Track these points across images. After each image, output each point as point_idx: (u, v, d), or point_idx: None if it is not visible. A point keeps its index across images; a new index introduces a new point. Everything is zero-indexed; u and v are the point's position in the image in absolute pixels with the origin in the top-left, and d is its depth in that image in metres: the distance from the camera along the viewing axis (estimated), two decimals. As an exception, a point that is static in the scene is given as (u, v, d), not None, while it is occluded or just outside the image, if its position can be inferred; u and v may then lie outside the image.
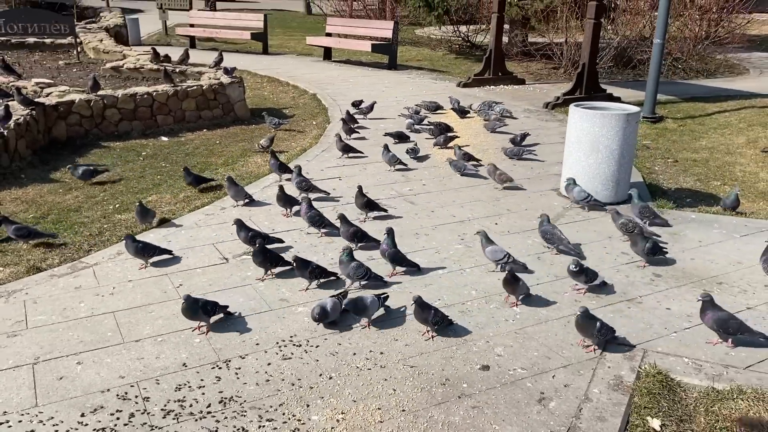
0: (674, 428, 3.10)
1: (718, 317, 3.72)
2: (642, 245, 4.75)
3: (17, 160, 7.00)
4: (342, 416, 3.10)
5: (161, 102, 8.85)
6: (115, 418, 3.05)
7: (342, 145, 7.66)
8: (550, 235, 5.01)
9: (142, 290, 4.31)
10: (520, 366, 3.53)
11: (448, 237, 5.33)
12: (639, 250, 4.78)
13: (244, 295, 4.29)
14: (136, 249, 4.60)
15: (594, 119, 5.90)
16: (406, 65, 15.77)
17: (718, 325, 3.71)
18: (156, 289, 4.35)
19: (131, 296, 4.23)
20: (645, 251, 4.74)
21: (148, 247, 4.66)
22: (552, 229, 5.01)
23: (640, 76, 14.09)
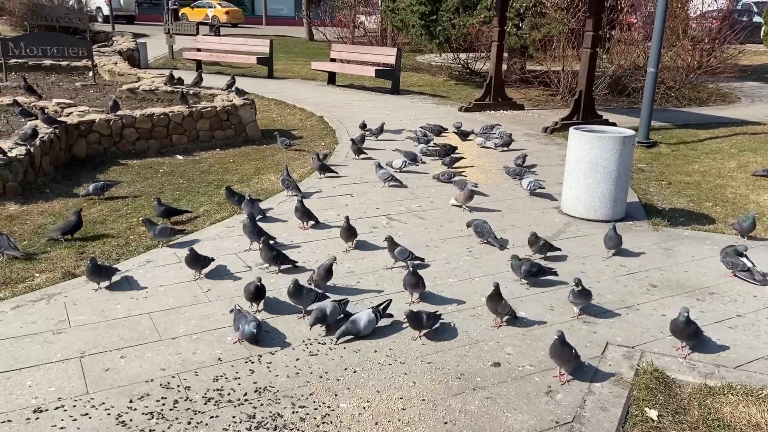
0: (670, 419, 3.40)
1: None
2: (520, 268, 4.85)
3: (42, 175, 7.32)
4: (368, 404, 3.40)
5: (177, 122, 9.23)
6: (161, 404, 3.34)
7: (319, 165, 7.90)
8: (480, 228, 5.76)
9: (173, 294, 4.61)
10: (528, 363, 3.84)
11: (457, 249, 5.66)
12: (517, 272, 4.89)
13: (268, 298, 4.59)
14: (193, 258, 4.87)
15: (593, 141, 6.29)
16: (408, 90, 16.26)
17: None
18: (186, 293, 4.65)
19: (164, 299, 4.53)
20: (523, 273, 4.84)
21: (201, 258, 4.88)
22: (482, 224, 5.81)
23: (634, 104, 14.59)
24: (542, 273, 4.90)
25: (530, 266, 4.85)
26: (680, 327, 3.90)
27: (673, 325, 3.95)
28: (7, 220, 6.06)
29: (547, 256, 5.46)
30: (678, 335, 3.97)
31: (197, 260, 4.86)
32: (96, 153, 8.53)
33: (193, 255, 4.83)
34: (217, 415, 3.26)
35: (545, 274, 4.95)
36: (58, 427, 3.14)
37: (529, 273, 4.83)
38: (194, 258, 4.84)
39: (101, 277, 4.66)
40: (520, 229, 6.28)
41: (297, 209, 6.04)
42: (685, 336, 3.95)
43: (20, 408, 3.28)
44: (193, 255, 4.82)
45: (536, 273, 4.86)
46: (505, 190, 7.66)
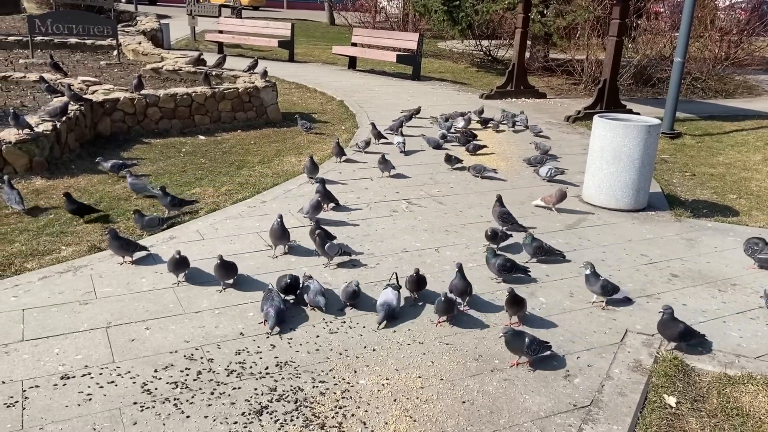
0: (688, 406, 3.40)
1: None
2: (493, 262, 4.70)
3: (67, 152, 7.43)
4: (386, 381, 3.44)
5: (199, 103, 9.29)
6: (185, 374, 3.41)
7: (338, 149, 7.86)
8: (506, 215, 5.68)
9: (196, 270, 4.68)
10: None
11: (476, 234, 5.67)
12: (491, 266, 4.74)
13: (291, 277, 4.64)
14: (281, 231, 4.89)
15: (617, 129, 6.23)
16: (429, 77, 16.18)
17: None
18: (209, 269, 4.71)
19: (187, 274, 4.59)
20: (496, 267, 4.69)
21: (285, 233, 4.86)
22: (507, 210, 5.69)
23: (659, 94, 14.39)
24: (516, 269, 4.69)
25: (504, 261, 4.67)
26: (663, 325, 3.79)
27: (659, 325, 3.85)
28: (34, 194, 6.18)
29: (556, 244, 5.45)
30: (663, 334, 3.86)
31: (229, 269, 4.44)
32: (120, 131, 8.63)
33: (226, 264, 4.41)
34: (240, 387, 3.32)
35: (518, 272, 4.73)
36: (85, 393, 3.22)
37: (503, 268, 4.65)
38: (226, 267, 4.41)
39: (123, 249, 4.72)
40: (541, 216, 6.27)
41: (318, 191, 6.08)
42: (670, 335, 3.82)
43: (48, 374, 3.36)
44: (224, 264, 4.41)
45: (509, 269, 4.66)
46: (527, 177, 7.62)
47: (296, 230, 5.52)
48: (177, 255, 4.39)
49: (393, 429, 3.06)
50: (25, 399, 3.15)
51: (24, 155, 6.61)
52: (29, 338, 3.69)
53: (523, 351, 3.58)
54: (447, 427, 3.10)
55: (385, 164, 7.31)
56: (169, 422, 3.03)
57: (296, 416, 3.12)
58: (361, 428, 3.06)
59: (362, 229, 5.67)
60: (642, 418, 3.26)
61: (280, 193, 6.61)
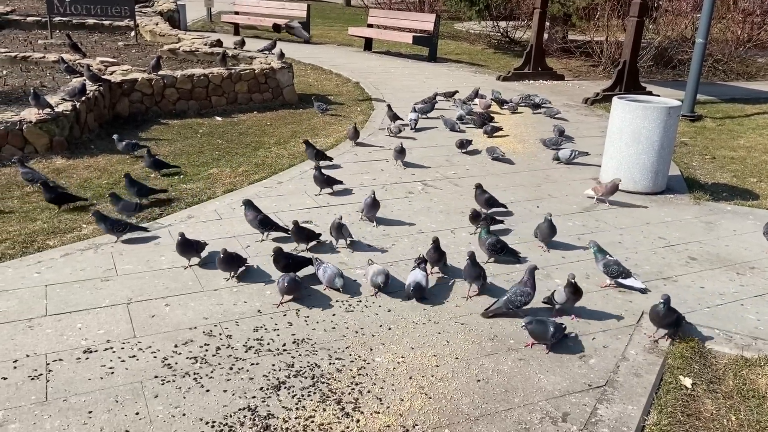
0: (704, 387, 3.40)
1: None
2: (484, 239, 4.67)
3: (87, 132, 7.51)
4: (402, 359, 3.48)
5: (216, 84, 9.31)
6: (204, 349, 3.47)
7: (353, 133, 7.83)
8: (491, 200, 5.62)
9: (215, 248, 4.73)
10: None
11: (492, 216, 5.65)
12: (482, 243, 4.70)
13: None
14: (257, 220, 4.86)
15: (636, 111, 6.16)
16: (445, 58, 16.05)
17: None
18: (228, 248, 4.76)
19: (204, 253, 4.65)
20: (486, 245, 4.66)
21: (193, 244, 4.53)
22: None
23: (679, 77, 14.17)
24: (506, 251, 4.66)
25: (495, 241, 4.64)
26: (660, 315, 3.67)
27: (653, 313, 3.72)
28: (54, 173, 6.26)
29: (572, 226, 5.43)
30: (656, 323, 3.74)
31: (189, 246, 4.42)
32: (138, 111, 8.69)
33: (184, 242, 4.39)
34: (258, 363, 3.38)
35: (508, 254, 4.69)
36: (107, 367, 3.29)
37: (493, 248, 4.62)
38: (185, 245, 4.40)
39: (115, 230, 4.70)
40: (557, 198, 6.24)
41: (316, 177, 5.97)
42: (665, 324, 3.72)
43: (71, 348, 3.44)
44: (183, 242, 4.38)
45: (500, 250, 4.64)
46: (543, 159, 7.58)
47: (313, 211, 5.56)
48: (180, 237, 4.38)
49: (408, 406, 3.10)
50: (48, 372, 3.23)
51: (44, 135, 6.69)
52: (52, 313, 3.77)
53: (547, 339, 3.58)
54: (462, 404, 3.13)
55: (401, 154, 7.00)
56: (189, 396, 3.09)
57: (313, 392, 3.16)
58: (377, 404, 3.10)
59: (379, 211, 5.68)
60: (657, 399, 3.27)
61: (297, 174, 6.64)
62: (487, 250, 4.69)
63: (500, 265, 4.71)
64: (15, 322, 3.65)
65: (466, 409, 3.10)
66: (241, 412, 2.99)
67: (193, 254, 4.46)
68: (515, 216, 5.71)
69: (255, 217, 4.89)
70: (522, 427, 2.99)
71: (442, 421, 3.00)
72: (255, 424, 2.92)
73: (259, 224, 4.89)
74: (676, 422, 3.10)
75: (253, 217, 4.90)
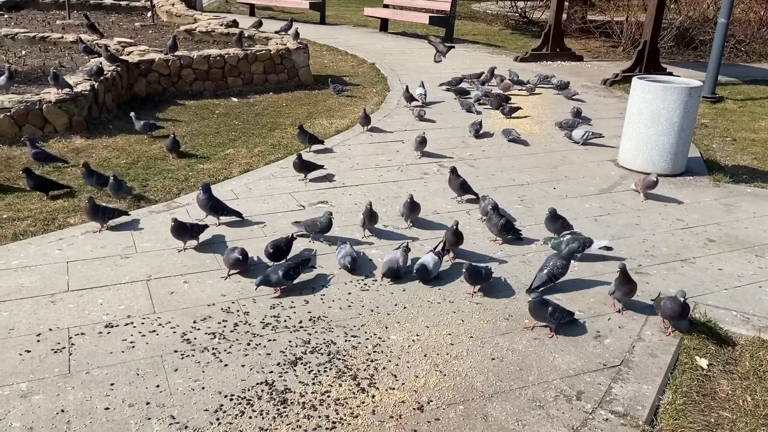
0: (720, 368, 3.39)
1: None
2: (496, 221, 4.65)
3: (105, 112, 7.57)
4: (417, 337, 3.50)
5: (232, 64, 9.32)
6: (222, 326, 3.53)
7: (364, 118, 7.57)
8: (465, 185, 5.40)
9: (231, 228, 4.78)
10: (577, 309, 3.85)
11: (508, 198, 5.64)
12: (493, 226, 4.69)
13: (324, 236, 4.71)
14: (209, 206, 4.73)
15: (656, 91, 6.07)
16: (462, 39, 15.90)
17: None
18: (245, 228, 4.82)
19: (221, 232, 4.70)
20: (498, 227, 4.64)
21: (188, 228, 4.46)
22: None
23: (701, 58, 13.92)
24: (511, 231, 4.69)
25: (506, 222, 4.66)
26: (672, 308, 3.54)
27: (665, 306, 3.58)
28: (73, 152, 6.34)
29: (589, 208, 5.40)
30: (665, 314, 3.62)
31: (184, 230, 4.37)
32: (155, 92, 8.74)
33: (179, 225, 4.34)
34: (275, 339, 3.43)
35: (513, 234, 4.71)
36: (128, 341, 3.36)
37: (504, 228, 4.62)
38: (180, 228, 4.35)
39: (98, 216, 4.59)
40: (574, 180, 6.20)
41: (295, 164, 5.78)
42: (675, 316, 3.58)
43: (93, 323, 3.51)
44: (178, 225, 4.34)
45: (508, 230, 4.65)
46: (560, 141, 7.52)
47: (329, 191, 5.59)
48: (174, 222, 4.31)
49: (423, 382, 3.13)
50: (71, 345, 3.30)
51: (63, 114, 6.76)
52: (74, 289, 3.84)
53: (545, 318, 3.57)
54: (476, 382, 3.16)
55: (421, 144, 6.69)
56: (208, 370, 3.15)
57: (329, 368, 3.21)
58: (392, 381, 3.13)
59: (393, 191, 5.69)
60: (672, 379, 3.27)
61: (311, 156, 6.64)
62: (498, 231, 4.69)
63: (516, 246, 4.70)
64: (38, 297, 3.73)
65: (480, 386, 3.13)
66: (259, 386, 3.05)
67: (188, 237, 4.40)
68: (531, 197, 5.69)
69: (206, 204, 4.70)
70: (536, 405, 3.01)
71: (456, 398, 3.03)
72: (272, 397, 2.97)
73: (210, 210, 4.74)
74: (691, 402, 3.10)
75: (204, 203, 4.71)
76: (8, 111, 6.44)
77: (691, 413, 3.02)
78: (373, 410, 2.92)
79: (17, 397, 2.90)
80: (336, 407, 2.92)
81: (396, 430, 2.81)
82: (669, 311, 3.56)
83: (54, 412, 2.82)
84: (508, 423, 2.89)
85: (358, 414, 2.89)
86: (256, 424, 2.80)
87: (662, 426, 2.94)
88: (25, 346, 3.27)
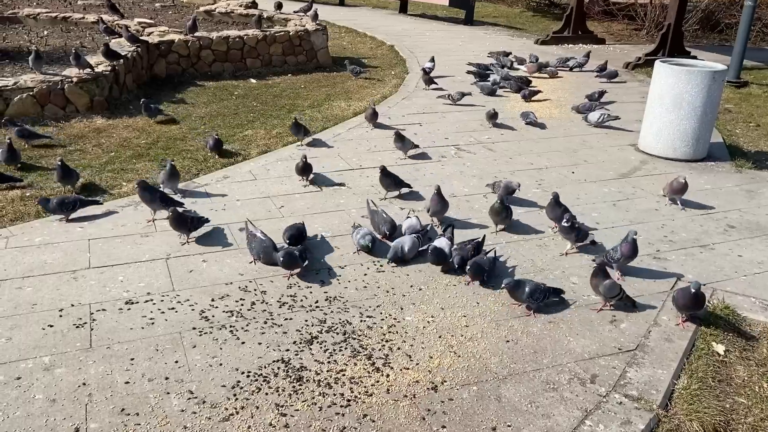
0: (737, 354, 3.37)
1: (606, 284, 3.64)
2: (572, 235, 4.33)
3: (125, 92, 7.64)
4: (432, 319, 3.52)
5: (251, 46, 9.33)
6: (239, 304, 3.58)
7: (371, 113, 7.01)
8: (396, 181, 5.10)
9: (249, 208, 4.82)
10: (593, 293, 3.84)
11: (526, 182, 5.61)
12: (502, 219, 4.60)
13: (338, 218, 4.73)
14: None
15: (680, 75, 5.97)
16: (482, 21, 15.73)
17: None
18: (261, 208, 4.86)
19: (241, 212, 4.74)
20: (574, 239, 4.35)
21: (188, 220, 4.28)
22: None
23: (726, 41, 13.63)
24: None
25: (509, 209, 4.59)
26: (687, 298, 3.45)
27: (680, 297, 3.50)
28: (95, 132, 6.41)
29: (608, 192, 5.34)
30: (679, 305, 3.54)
31: (183, 222, 4.23)
32: (174, 73, 8.79)
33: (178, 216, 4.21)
34: (291, 318, 3.47)
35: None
36: (147, 317, 3.42)
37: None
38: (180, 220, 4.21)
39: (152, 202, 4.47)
40: (593, 164, 6.14)
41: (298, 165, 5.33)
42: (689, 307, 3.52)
43: (113, 299, 3.58)
44: (177, 217, 4.21)
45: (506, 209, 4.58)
46: (580, 125, 7.44)
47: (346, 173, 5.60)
48: (171, 213, 4.20)
49: (437, 363, 3.15)
50: (93, 321, 3.37)
51: (85, 94, 6.84)
52: (95, 266, 3.91)
53: (523, 300, 3.56)
54: (491, 363, 3.17)
55: (402, 143, 5.98)
56: (225, 347, 3.20)
57: (345, 347, 3.24)
58: (406, 361, 3.16)
59: (410, 173, 5.69)
60: (688, 364, 3.25)
61: (330, 137, 6.66)
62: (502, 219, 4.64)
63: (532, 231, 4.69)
64: (60, 274, 3.80)
65: (494, 368, 3.14)
66: (275, 363, 3.09)
67: (185, 230, 4.25)
68: (549, 181, 5.65)
69: (153, 199, 4.49)
70: (550, 387, 3.02)
71: (470, 379, 3.05)
72: (288, 375, 3.01)
73: (160, 202, 4.48)
74: (707, 387, 3.09)
75: (150, 199, 4.49)
76: (31, 90, 6.52)
77: (706, 398, 3.01)
78: (387, 389, 2.95)
79: (40, 370, 2.98)
80: (351, 386, 2.96)
81: (410, 409, 2.84)
82: (681, 301, 3.51)
83: (76, 385, 2.89)
84: (521, 404, 2.90)
85: (372, 392, 2.92)
86: (272, 400, 2.85)
87: (676, 410, 2.94)
88: (47, 321, 3.35)
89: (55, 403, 2.78)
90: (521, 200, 5.19)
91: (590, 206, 5.12)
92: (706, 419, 2.87)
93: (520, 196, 5.23)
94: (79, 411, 2.74)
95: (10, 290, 3.61)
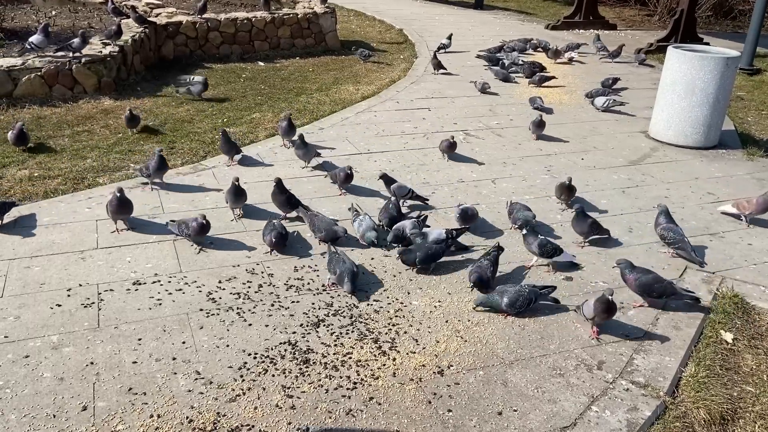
0: (746, 343, 3.35)
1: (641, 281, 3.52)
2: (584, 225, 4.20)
3: (133, 74, 7.61)
4: (439, 304, 3.52)
5: (259, 28, 9.26)
6: (246, 286, 3.58)
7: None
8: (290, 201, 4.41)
9: (256, 191, 4.80)
10: (601, 279, 3.83)
11: (534, 167, 5.57)
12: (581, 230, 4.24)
13: (346, 202, 4.72)
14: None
15: (692, 61, 5.89)
16: (492, 5, 15.57)
17: (641, 289, 3.54)
18: (268, 191, 4.83)
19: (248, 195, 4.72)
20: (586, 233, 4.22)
21: None
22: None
23: (739, 28, 13.44)
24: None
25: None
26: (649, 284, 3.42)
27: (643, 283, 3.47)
28: (102, 113, 6.40)
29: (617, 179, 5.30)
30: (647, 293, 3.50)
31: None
32: (182, 55, 8.75)
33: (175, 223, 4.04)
34: (298, 301, 3.47)
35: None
36: (155, 298, 3.43)
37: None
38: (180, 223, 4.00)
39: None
40: (603, 151, 6.09)
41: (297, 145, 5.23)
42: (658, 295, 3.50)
43: (121, 280, 3.59)
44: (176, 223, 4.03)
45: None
46: (590, 111, 7.37)
47: (354, 157, 5.57)
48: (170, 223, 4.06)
49: (444, 347, 3.15)
50: (100, 301, 3.38)
51: (93, 75, 6.82)
52: (103, 246, 3.92)
53: (504, 309, 3.39)
54: (497, 348, 3.17)
55: (305, 150, 5.23)
56: (232, 329, 3.21)
57: (351, 330, 3.24)
58: (413, 345, 3.16)
59: (418, 158, 5.66)
60: (696, 352, 3.24)
61: (338, 121, 6.63)
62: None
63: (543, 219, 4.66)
64: (68, 254, 3.81)
65: (501, 353, 3.14)
66: (282, 345, 3.10)
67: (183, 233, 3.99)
68: (558, 167, 5.61)
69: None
70: (556, 373, 3.02)
71: (476, 364, 3.05)
72: (295, 357, 3.02)
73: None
74: (714, 375, 3.08)
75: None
76: (39, 71, 6.51)
77: (713, 386, 3.00)
78: (393, 372, 2.95)
79: (48, 349, 2.99)
80: (357, 368, 2.96)
81: (416, 392, 2.84)
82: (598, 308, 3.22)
83: (84, 364, 2.91)
84: (527, 389, 2.90)
85: (378, 375, 2.92)
86: (279, 382, 2.86)
87: (683, 398, 2.93)
88: (55, 300, 3.36)
89: (62, 382, 2.79)
90: (530, 187, 5.15)
91: (599, 193, 5.08)
92: (713, 407, 2.86)
93: (529, 183, 5.19)
94: (86, 390, 2.76)
95: (19, 269, 3.63)
